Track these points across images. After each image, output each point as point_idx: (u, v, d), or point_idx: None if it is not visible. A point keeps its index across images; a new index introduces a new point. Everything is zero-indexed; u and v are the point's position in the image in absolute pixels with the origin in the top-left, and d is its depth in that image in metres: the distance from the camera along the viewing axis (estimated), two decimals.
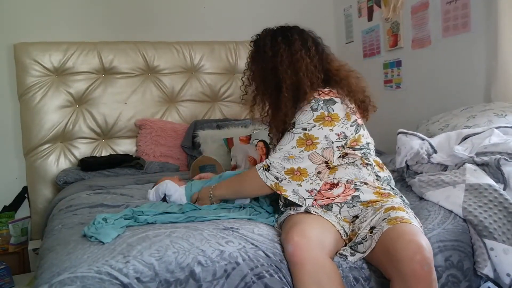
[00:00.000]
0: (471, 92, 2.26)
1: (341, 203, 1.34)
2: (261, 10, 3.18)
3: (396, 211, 1.21)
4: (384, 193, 1.36)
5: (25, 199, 2.71)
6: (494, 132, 1.65)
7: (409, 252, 1.06)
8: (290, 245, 1.14)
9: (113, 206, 1.67)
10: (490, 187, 1.39)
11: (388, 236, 1.13)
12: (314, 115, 1.34)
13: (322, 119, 1.33)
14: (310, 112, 1.34)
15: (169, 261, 1.07)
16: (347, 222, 1.34)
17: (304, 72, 1.38)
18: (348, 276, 1.19)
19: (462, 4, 2.25)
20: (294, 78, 1.38)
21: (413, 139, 1.76)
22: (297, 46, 1.41)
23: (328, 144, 1.34)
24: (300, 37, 1.44)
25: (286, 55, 1.40)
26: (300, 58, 1.39)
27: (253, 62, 1.50)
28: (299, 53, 1.40)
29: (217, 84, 3.03)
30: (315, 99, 1.35)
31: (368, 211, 1.31)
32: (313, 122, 1.34)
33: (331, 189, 1.36)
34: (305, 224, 1.22)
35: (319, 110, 1.34)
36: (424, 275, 1.04)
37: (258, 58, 1.47)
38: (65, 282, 0.98)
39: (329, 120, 1.33)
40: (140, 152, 2.75)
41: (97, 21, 2.85)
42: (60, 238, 1.31)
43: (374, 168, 1.41)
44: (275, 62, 1.40)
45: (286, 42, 1.42)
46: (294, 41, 1.42)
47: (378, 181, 1.39)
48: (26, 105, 2.60)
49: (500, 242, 1.27)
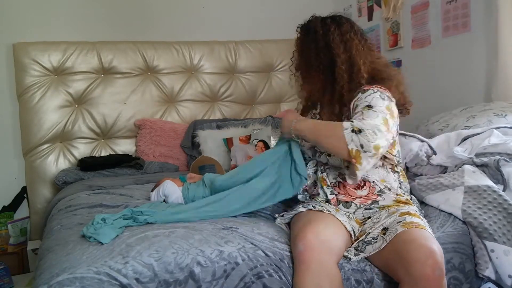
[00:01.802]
0: (471, 92, 2.26)
1: (360, 204, 1.35)
2: (261, 10, 3.19)
3: (412, 217, 1.22)
4: (403, 200, 1.36)
5: (24, 199, 2.71)
6: (493, 132, 1.65)
7: (421, 256, 1.06)
8: (302, 244, 1.14)
9: (112, 206, 1.66)
10: (489, 189, 1.39)
11: (400, 239, 1.13)
12: (384, 104, 1.30)
13: (390, 110, 1.30)
14: (381, 100, 1.30)
15: (168, 262, 1.07)
16: (358, 223, 1.34)
17: (356, 50, 1.39)
18: (350, 278, 1.19)
19: (462, 4, 2.25)
20: (348, 54, 1.39)
21: (412, 141, 1.76)
22: (346, 28, 1.43)
23: (392, 139, 1.32)
24: (348, 21, 1.46)
25: (337, 33, 1.41)
26: (350, 38, 1.41)
27: (303, 43, 1.49)
28: (348, 34, 1.42)
29: (216, 84, 3.02)
30: (379, 90, 1.33)
31: (382, 214, 1.31)
32: (386, 110, 1.29)
33: (356, 189, 1.36)
34: (319, 224, 1.21)
35: (387, 100, 1.31)
36: (435, 279, 1.05)
37: (308, 39, 1.46)
38: (64, 283, 0.98)
39: (391, 114, 1.30)
40: (139, 152, 2.75)
41: (96, 21, 2.84)
42: (59, 239, 1.31)
43: (399, 177, 1.41)
44: (327, 40, 1.41)
45: (335, 23, 1.44)
46: (343, 23, 1.44)
47: (401, 189, 1.40)
48: (25, 105, 2.59)
49: (501, 244, 1.27)
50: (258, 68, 3.12)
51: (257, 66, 3.12)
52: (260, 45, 3.13)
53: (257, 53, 3.12)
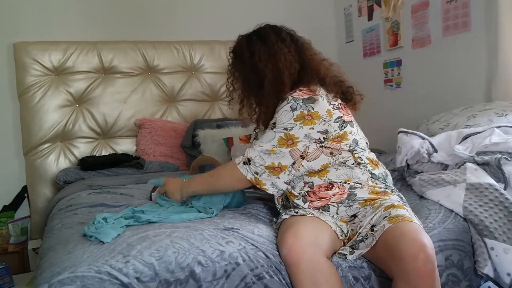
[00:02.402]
0: (472, 92, 2.26)
1: (337, 202, 1.33)
2: (261, 10, 3.18)
3: (397, 209, 1.21)
4: (380, 191, 1.34)
5: (24, 199, 2.71)
6: (494, 131, 1.65)
7: (412, 250, 1.06)
8: (285, 248, 1.15)
9: (113, 205, 1.66)
10: (490, 187, 1.39)
11: (390, 235, 1.12)
12: (294, 115, 1.32)
13: (302, 118, 1.32)
14: (290, 112, 1.33)
15: (169, 261, 1.07)
16: (345, 222, 1.33)
17: (283, 63, 1.38)
18: (348, 276, 1.19)
19: (462, 3, 2.25)
20: (275, 70, 1.38)
21: (413, 138, 1.76)
22: (272, 39, 1.42)
23: (310, 142, 1.35)
24: (273, 31, 1.45)
25: (263, 50, 1.41)
26: (278, 49, 1.40)
27: (234, 67, 1.50)
28: (275, 45, 1.41)
29: (217, 83, 3.02)
30: (294, 98, 1.33)
31: (366, 210, 1.30)
32: (294, 122, 1.32)
33: (326, 190, 1.35)
34: (299, 226, 1.22)
35: (299, 109, 1.32)
36: (427, 273, 1.05)
37: (237, 62, 1.49)
38: (65, 282, 0.98)
39: (309, 118, 1.32)
40: (140, 152, 2.75)
41: (96, 20, 2.84)
42: (60, 238, 1.31)
43: (367, 167, 1.39)
44: (254, 61, 1.41)
45: (261, 38, 1.43)
46: (268, 36, 1.43)
47: (373, 179, 1.38)
48: (25, 105, 2.60)
49: (501, 242, 1.27)
50: None
51: None
52: None
53: None
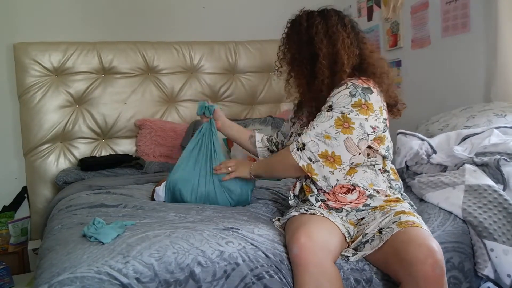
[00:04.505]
0: (471, 92, 2.26)
1: (351, 208, 1.34)
2: (261, 10, 3.18)
3: (407, 215, 1.21)
4: (392, 199, 1.35)
5: (24, 199, 2.71)
6: (493, 132, 1.65)
7: (421, 255, 1.06)
8: (296, 247, 1.14)
9: (113, 206, 1.66)
10: (489, 188, 1.39)
11: (398, 239, 1.13)
12: (352, 101, 1.29)
13: (359, 106, 1.29)
14: (349, 97, 1.30)
15: (168, 262, 1.07)
16: (352, 225, 1.34)
17: (341, 45, 1.36)
18: (349, 278, 1.19)
19: (461, 4, 2.25)
20: (331, 48, 1.36)
21: (412, 140, 1.76)
22: (333, 21, 1.39)
23: (364, 136, 1.30)
24: (336, 14, 1.43)
25: (321, 26, 1.38)
26: (337, 31, 1.37)
27: (287, 37, 1.47)
28: (335, 27, 1.38)
29: (216, 84, 3.03)
30: (354, 85, 1.31)
31: (376, 214, 1.31)
32: (351, 108, 1.29)
33: (346, 194, 1.35)
34: (311, 225, 1.21)
35: (357, 96, 1.29)
36: (435, 278, 1.05)
37: (293, 32, 1.45)
38: (64, 282, 0.98)
39: (365, 108, 1.29)
40: (139, 152, 2.75)
41: (96, 21, 2.84)
42: (59, 238, 1.31)
43: (390, 176, 1.40)
44: (310, 33, 1.38)
45: (322, 16, 1.41)
46: (330, 16, 1.40)
47: (391, 189, 1.38)
48: (25, 105, 2.60)
49: (500, 243, 1.28)
50: (258, 68, 3.12)
51: (257, 66, 3.11)
52: (260, 45, 3.13)
53: (257, 53, 3.11)
